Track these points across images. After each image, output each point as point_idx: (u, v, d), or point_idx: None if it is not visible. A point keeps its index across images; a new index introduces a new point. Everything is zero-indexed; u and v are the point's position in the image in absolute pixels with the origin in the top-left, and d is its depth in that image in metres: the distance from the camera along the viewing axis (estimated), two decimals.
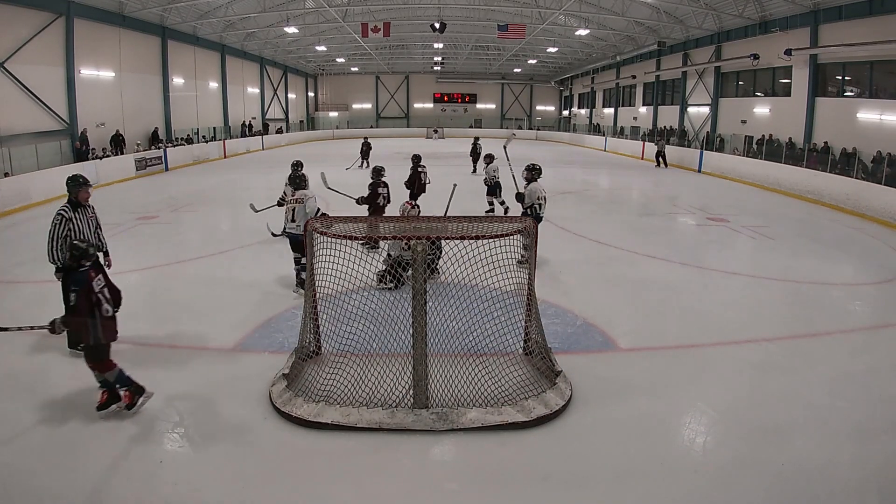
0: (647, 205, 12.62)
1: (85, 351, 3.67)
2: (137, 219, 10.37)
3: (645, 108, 27.68)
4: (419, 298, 3.68)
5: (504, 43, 27.59)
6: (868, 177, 12.32)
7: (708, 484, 3.17)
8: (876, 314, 6.15)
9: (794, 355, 4.83)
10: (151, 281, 6.80)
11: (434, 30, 20.41)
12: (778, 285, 6.81)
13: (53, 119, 15.07)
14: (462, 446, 3.50)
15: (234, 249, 8.21)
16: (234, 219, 11.07)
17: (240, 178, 16.93)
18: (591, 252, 8.07)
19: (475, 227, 4.37)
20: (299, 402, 3.77)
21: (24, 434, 3.54)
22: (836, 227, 10.64)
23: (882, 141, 13.43)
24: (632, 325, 5.41)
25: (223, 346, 4.84)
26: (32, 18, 14.19)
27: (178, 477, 3.16)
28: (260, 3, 20.32)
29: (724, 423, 3.78)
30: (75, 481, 3.10)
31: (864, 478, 3.21)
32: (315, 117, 39.47)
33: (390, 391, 3.85)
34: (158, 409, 3.87)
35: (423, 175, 10.16)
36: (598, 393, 4.08)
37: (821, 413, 3.87)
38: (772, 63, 17.48)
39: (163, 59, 20.49)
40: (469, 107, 41.58)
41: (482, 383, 3.89)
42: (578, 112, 37.98)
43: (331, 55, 32.21)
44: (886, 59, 13.57)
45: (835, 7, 14.82)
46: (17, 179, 11.75)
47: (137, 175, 16.70)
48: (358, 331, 4.08)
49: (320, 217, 4.91)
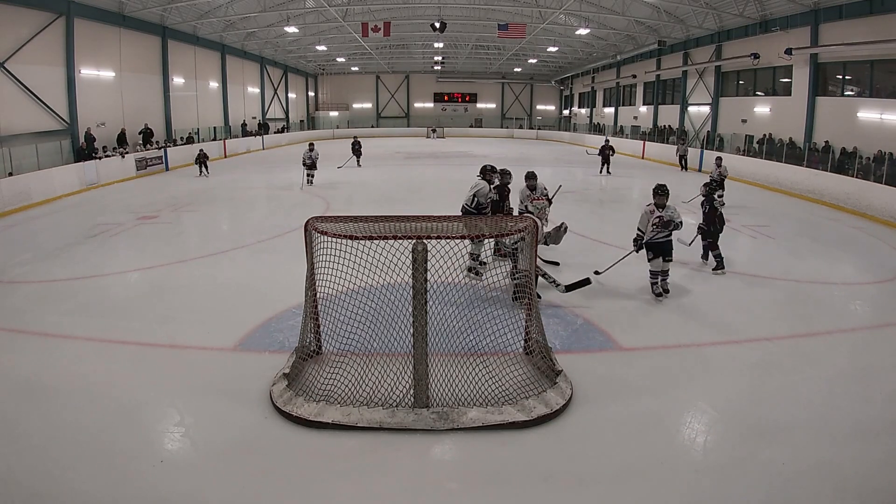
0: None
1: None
2: (138, 219, 10.37)
3: (645, 107, 27.66)
4: (419, 298, 3.68)
5: (504, 42, 27.56)
6: (867, 174, 12.31)
7: (708, 484, 3.17)
8: (876, 313, 6.15)
9: (794, 355, 4.82)
10: (152, 281, 6.80)
11: (434, 29, 20.39)
12: (778, 284, 6.80)
13: (54, 119, 15.06)
14: (462, 446, 3.50)
15: (234, 249, 8.22)
16: (235, 219, 11.08)
17: (240, 178, 16.94)
18: (591, 251, 8.05)
19: (475, 227, 4.38)
20: (300, 402, 3.77)
21: (23, 434, 3.54)
22: (836, 226, 10.63)
23: (882, 140, 13.43)
24: (632, 325, 5.41)
25: (223, 346, 4.84)
26: (32, 18, 14.19)
27: (178, 477, 3.17)
28: (260, 3, 20.31)
29: (724, 423, 3.78)
30: (75, 481, 3.11)
31: (864, 478, 3.20)
32: (315, 117, 39.45)
33: (391, 391, 3.85)
34: (158, 409, 3.88)
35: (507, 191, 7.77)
36: (598, 392, 4.08)
37: (821, 413, 3.87)
38: (772, 62, 17.47)
39: (163, 59, 20.48)
40: (469, 106, 41.57)
41: (483, 383, 3.89)
42: (579, 111, 37.96)
43: (331, 55, 32.19)
44: (887, 58, 13.55)
45: (835, 6, 14.80)
46: (17, 179, 11.75)
47: (137, 175, 16.71)
48: (358, 330, 4.09)
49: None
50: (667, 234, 6.05)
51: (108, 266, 7.32)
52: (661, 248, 6.05)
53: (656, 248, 6.08)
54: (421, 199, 12.73)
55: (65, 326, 5.23)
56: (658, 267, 6.07)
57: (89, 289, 6.45)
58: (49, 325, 5.27)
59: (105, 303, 5.97)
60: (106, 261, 7.57)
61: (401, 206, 11.31)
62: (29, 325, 5.29)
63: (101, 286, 6.55)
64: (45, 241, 8.72)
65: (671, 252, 6.11)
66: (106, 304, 5.91)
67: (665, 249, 6.06)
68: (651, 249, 6.11)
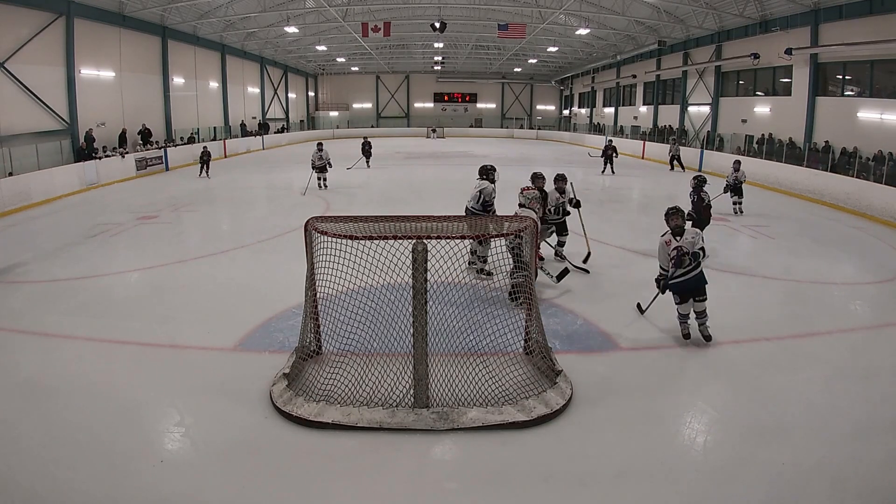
0: (648, 204, 12.60)
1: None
2: (138, 219, 10.37)
3: (645, 107, 27.66)
4: (419, 298, 3.68)
5: (504, 42, 27.56)
6: (867, 174, 12.31)
7: (708, 484, 3.17)
8: (876, 313, 6.15)
9: (794, 355, 4.82)
10: (152, 281, 6.80)
11: (434, 29, 20.39)
12: (778, 284, 6.80)
13: (54, 119, 15.06)
14: (462, 446, 3.50)
15: (234, 249, 8.22)
16: (235, 219, 11.08)
17: (240, 177, 16.94)
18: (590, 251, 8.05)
19: (475, 227, 4.38)
20: (300, 402, 3.77)
21: (23, 434, 3.54)
22: (836, 226, 10.63)
23: (882, 140, 13.43)
24: (632, 325, 5.41)
25: (223, 346, 4.84)
26: (32, 18, 14.19)
27: (178, 477, 3.17)
28: (260, 3, 20.32)
29: (724, 423, 3.78)
30: (75, 481, 3.11)
31: (864, 478, 3.20)
32: (315, 117, 39.46)
33: (391, 391, 3.85)
34: (158, 409, 3.88)
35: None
36: (598, 392, 4.08)
37: (821, 413, 3.87)
38: (772, 62, 17.46)
39: (163, 59, 20.48)
40: (469, 106, 41.57)
41: (483, 383, 3.89)
42: (579, 111, 37.96)
43: (331, 55, 32.19)
44: (887, 58, 13.55)
45: (835, 6, 14.80)
46: (17, 179, 11.75)
47: (137, 175, 16.71)
48: (358, 330, 4.09)
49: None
50: (693, 268, 4.80)
51: (108, 266, 7.32)
52: (687, 287, 4.84)
53: (682, 289, 4.86)
54: (421, 199, 12.73)
55: (65, 326, 5.23)
56: (686, 310, 4.93)
57: (89, 289, 6.45)
58: (49, 325, 5.27)
59: (105, 303, 5.97)
60: (106, 261, 7.57)
61: (401, 206, 11.31)
62: (29, 325, 5.29)
63: (101, 286, 6.55)
64: (45, 241, 8.72)
65: (704, 289, 4.84)
66: (106, 304, 5.91)
67: (694, 288, 4.83)
68: (677, 292, 4.91)
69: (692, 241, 4.82)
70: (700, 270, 4.83)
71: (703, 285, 4.84)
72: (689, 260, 4.73)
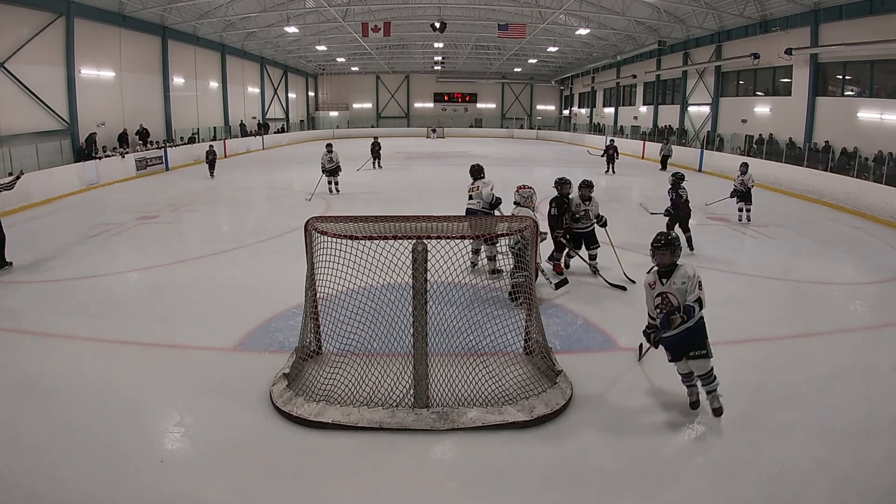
0: (648, 204, 12.58)
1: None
2: (138, 219, 10.38)
3: (645, 107, 27.67)
4: (419, 298, 3.68)
5: (504, 42, 27.57)
6: (867, 174, 12.31)
7: (708, 484, 3.17)
8: (876, 313, 6.15)
9: (794, 355, 4.82)
10: (152, 281, 6.80)
11: (434, 29, 20.39)
12: (778, 285, 6.80)
13: (54, 119, 15.07)
14: (462, 446, 3.50)
15: (234, 249, 8.22)
16: (235, 219, 11.08)
17: (240, 178, 16.94)
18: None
19: (475, 227, 4.38)
20: (300, 402, 3.77)
21: (23, 434, 3.54)
22: (836, 226, 10.63)
23: (882, 140, 13.44)
24: (632, 325, 5.39)
25: (223, 346, 4.84)
26: (32, 18, 14.19)
27: (178, 477, 3.17)
28: (260, 3, 20.32)
29: (725, 423, 3.78)
30: (75, 481, 3.11)
31: (864, 478, 3.20)
32: (315, 117, 39.48)
33: (391, 391, 3.85)
34: (158, 409, 3.88)
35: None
36: (598, 392, 4.09)
37: (821, 413, 3.87)
38: (772, 62, 17.47)
39: (163, 59, 20.48)
40: (469, 106, 41.59)
41: (483, 383, 3.89)
42: (579, 111, 37.98)
43: (331, 55, 32.20)
44: (887, 58, 13.56)
45: (835, 6, 14.81)
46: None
47: (138, 175, 16.72)
48: (358, 330, 4.09)
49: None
50: (685, 322, 3.60)
51: (108, 266, 7.32)
52: (677, 345, 3.74)
53: (671, 345, 3.76)
54: (421, 199, 12.73)
55: (65, 326, 5.23)
56: (685, 369, 3.81)
57: (89, 289, 6.45)
58: (49, 325, 5.27)
59: (105, 303, 5.97)
60: (106, 261, 7.58)
61: (401, 206, 11.31)
62: (29, 325, 5.29)
63: (101, 286, 6.55)
64: (45, 241, 8.72)
65: (703, 343, 3.67)
66: (106, 304, 5.91)
67: (686, 341, 3.68)
68: (667, 348, 3.80)
69: (682, 289, 3.62)
70: (694, 318, 3.62)
71: (701, 338, 3.67)
72: (681, 318, 3.56)
